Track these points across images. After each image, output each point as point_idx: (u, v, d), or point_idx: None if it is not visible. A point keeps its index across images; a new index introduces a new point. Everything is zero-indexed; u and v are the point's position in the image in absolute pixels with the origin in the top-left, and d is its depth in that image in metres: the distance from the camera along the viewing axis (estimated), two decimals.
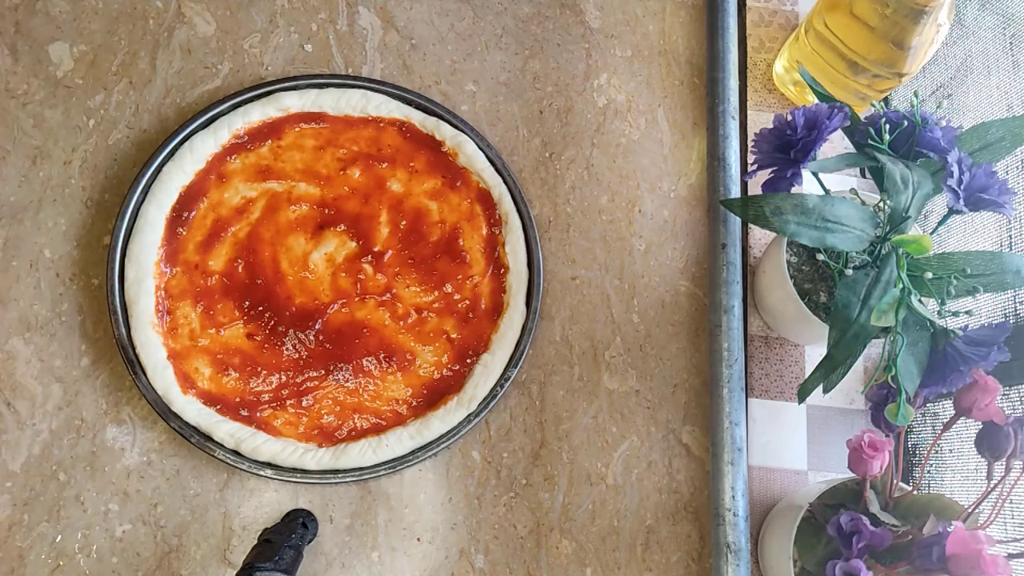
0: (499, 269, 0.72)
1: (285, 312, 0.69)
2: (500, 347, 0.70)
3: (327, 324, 0.69)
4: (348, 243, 0.71)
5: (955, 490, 0.67)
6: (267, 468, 0.65)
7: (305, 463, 0.65)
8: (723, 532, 0.66)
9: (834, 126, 0.58)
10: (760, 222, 0.58)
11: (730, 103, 0.77)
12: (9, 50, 0.75)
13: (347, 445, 0.66)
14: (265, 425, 0.66)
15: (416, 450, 0.67)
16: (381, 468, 0.66)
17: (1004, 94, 0.74)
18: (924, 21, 0.66)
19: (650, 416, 0.73)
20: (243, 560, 0.58)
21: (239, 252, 0.69)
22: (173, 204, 0.69)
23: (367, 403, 0.68)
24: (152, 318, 0.66)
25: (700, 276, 0.77)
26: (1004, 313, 0.67)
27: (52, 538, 0.64)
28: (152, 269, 0.67)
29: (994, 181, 0.55)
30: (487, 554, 0.68)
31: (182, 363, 0.66)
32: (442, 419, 0.68)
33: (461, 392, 0.69)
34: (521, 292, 0.72)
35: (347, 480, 0.66)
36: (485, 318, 0.71)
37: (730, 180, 0.75)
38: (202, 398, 0.66)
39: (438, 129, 0.74)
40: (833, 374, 0.56)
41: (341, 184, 0.72)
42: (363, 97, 0.74)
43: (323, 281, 0.70)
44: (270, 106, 0.73)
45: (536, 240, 0.73)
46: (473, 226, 0.73)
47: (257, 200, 0.71)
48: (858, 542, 0.55)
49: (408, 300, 0.71)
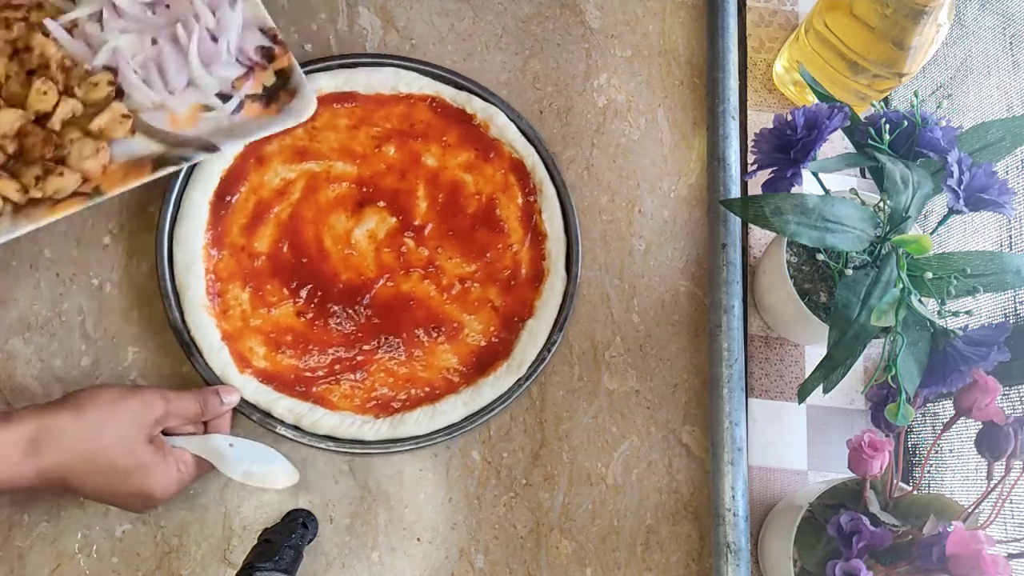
0: (537, 236, 0.73)
1: (332, 289, 0.69)
2: (544, 312, 0.71)
3: (374, 299, 0.70)
4: (388, 219, 0.72)
5: (955, 490, 0.67)
6: (327, 441, 0.66)
7: (364, 434, 0.66)
8: (723, 532, 0.66)
9: (834, 126, 0.58)
10: (760, 222, 0.58)
11: (730, 103, 0.77)
12: None
13: (404, 415, 0.67)
14: (322, 400, 0.67)
15: (470, 416, 0.68)
16: (438, 435, 0.67)
17: (1004, 94, 0.74)
18: (924, 21, 0.66)
19: (650, 416, 0.73)
20: (243, 560, 0.58)
21: (283, 233, 0.70)
22: (215, 188, 0.69)
23: (419, 373, 0.69)
24: (204, 300, 0.67)
25: (700, 276, 0.77)
26: (1004, 313, 0.67)
27: (52, 538, 0.64)
28: (200, 253, 0.68)
29: (994, 181, 0.56)
30: (487, 554, 0.68)
31: (236, 343, 0.67)
32: (493, 385, 0.69)
33: (510, 358, 0.70)
34: (561, 258, 0.73)
35: (404, 449, 0.67)
36: (527, 285, 0.72)
37: (730, 180, 0.75)
38: (259, 376, 0.67)
39: (469, 103, 0.75)
40: (833, 374, 0.56)
41: (377, 161, 0.73)
42: (394, 75, 0.75)
43: (367, 257, 0.71)
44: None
45: (572, 207, 0.74)
46: (509, 196, 0.74)
47: (296, 181, 0.71)
48: (858, 542, 0.55)
49: (451, 271, 0.72)
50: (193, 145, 0.65)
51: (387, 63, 0.75)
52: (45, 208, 0.60)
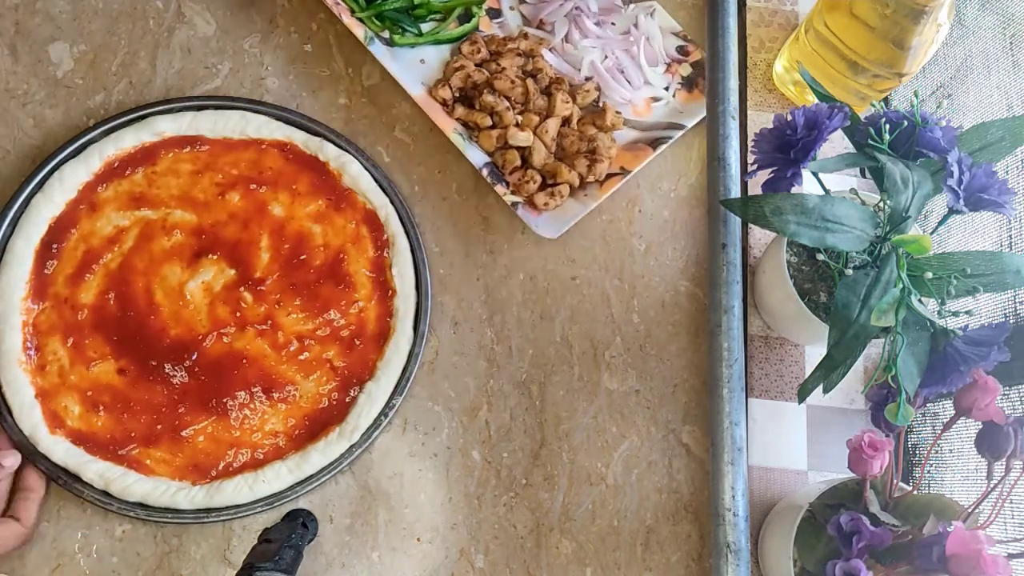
0: (386, 293, 0.71)
1: (158, 345, 0.66)
2: (385, 374, 0.68)
3: (203, 356, 0.67)
4: (226, 271, 0.69)
5: (955, 490, 0.67)
6: (137, 509, 0.63)
7: (178, 502, 0.63)
8: (723, 532, 0.66)
9: (834, 126, 0.58)
10: (760, 222, 0.58)
11: (730, 103, 0.77)
12: (9, 50, 0.75)
13: (222, 482, 0.64)
14: (136, 463, 0.64)
15: (295, 485, 0.65)
16: (258, 505, 0.65)
17: (1004, 94, 0.74)
18: (924, 21, 0.66)
19: (650, 416, 0.73)
20: (243, 560, 0.58)
21: (111, 284, 0.67)
22: (42, 236, 0.67)
23: (245, 437, 0.66)
24: (20, 355, 0.65)
25: (700, 276, 0.77)
26: (1004, 313, 0.67)
27: (52, 538, 0.64)
28: (19, 305, 0.65)
29: (994, 181, 0.55)
30: (487, 554, 0.68)
31: (51, 401, 0.64)
32: (323, 452, 0.66)
33: (344, 423, 0.67)
34: (408, 316, 0.70)
35: (221, 519, 0.64)
36: (371, 344, 0.69)
37: (730, 180, 0.75)
38: (71, 437, 0.64)
39: (321, 149, 0.72)
40: (833, 374, 0.56)
41: (220, 210, 0.70)
42: (242, 119, 0.72)
43: (200, 311, 0.68)
44: (144, 131, 0.71)
45: (424, 262, 0.72)
46: (359, 248, 0.71)
47: (130, 229, 0.69)
48: (858, 542, 0.55)
49: (289, 328, 0.69)
50: (661, 127, 0.79)
51: (234, 106, 0.73)
52: (595, 188, 0.75)
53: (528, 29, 0.80)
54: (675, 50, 0.82)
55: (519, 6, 0.81)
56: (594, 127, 0.76)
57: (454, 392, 0.72)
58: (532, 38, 0.79)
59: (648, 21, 0.81)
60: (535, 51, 0.78)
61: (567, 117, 0.76)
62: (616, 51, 0.80)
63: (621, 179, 0.75)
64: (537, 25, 0.80)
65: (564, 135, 0.76)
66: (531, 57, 0.78)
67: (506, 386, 0.72)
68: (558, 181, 0.73)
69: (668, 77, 0.81)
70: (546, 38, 0.79)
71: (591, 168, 0.74)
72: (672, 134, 0.77)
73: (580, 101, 0.77)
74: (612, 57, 0.80)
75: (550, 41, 0.79)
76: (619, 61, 0.80)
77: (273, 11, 0.78)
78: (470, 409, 0.71)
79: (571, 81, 0.79)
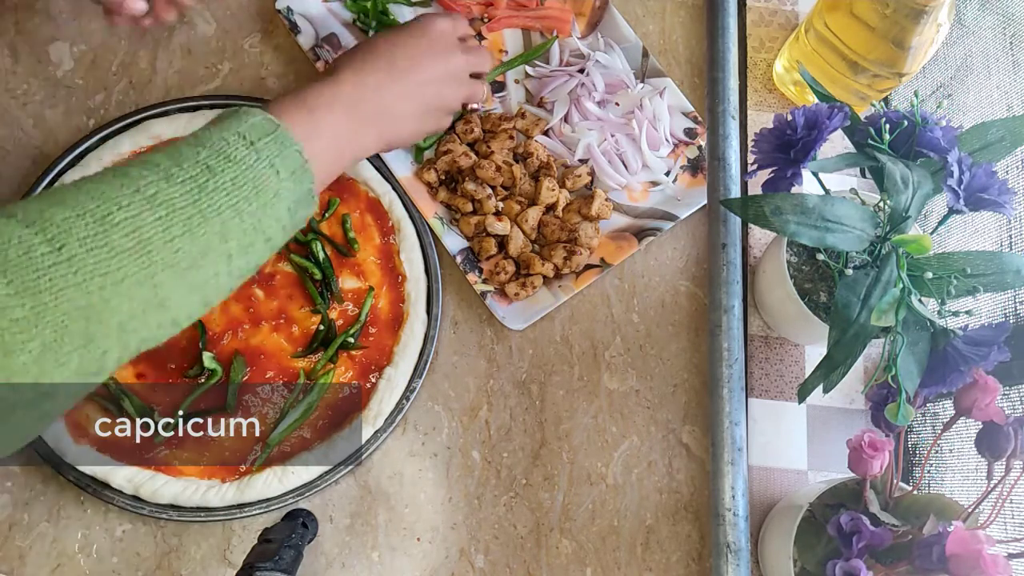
0: (396, 278, 0.71)
1: (175, 347, 0.66)
2: (403, 359, 0.68)
3: (221, 355, 0.67)
4: None
5: (955, 490, 0.67)
6: (170, 510, 0.63)
7: (209, 501, 0.63)
8: (723, 532, 0.66)
9: (834, 126, 0.57)
10: (760, 222, 0.58)
11: (730, 103, 0.77)
12: (9, 50, 0.75)
13: (251, 477, 0.64)
14: (164, 466, 0.64)
15: (325, 473, 0.66)
16: (289, 496, 0.65)
17: (1004, 94, 0.74)
18: (924, 21, 0.66)
19: (650, 416, 0.73)
20: (243, 560, 0.58)
21: None
22: None
23: (269, 431, 0.66)
24: None
25: (700, 276, 0.77)
26: (1004, 313, 0.67)
27: (52, 538, 0.64)
28: None
29: (994, 181, 0.55)
30: (487, 554, 0.68)
31: (72, 411, 0.64)
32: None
33: (366, 409, 0.67)
34: (421, 300, 0.70)
35: (255, 513, 0.65)
36: (386, 330, 0.70)
37: (730, 180, 0.75)
38: (96, 445, 0.64)
39: None
40: (833, 374, 0.56)
41: None
42: None
43: (213, 310, 0.67)
44: (141, 135, 0.70)
45: (431, 245, 0.72)
46: (365, 237, 0.72)
47: None
48: (858, 542, 0.55)
49: (303, 322, 0.69)
50: (654, 215, 0.76)
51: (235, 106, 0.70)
52: (570, 280, 0.73)
53: (527, 107, 0.77)
54: (683, 132, 0.78)
55: (525, 80, 0.79)
56: (579, 215, 0.74)
57: (454, 392, 0.72)
58: (529, 117, 0.77)
59: (657, 102, 0.77)
60: (530, 132, 0.76)
61: (552, 204, 0.74)
62: (618, 134, 0.77)
63: (598, 272, 0.73)
64: (538, 103, 0.78)
65: (545, 223, 0.73)
66: (526, 138, 0.76)
67: (506, 386, 0.72)
68: (531, 272, 0.72)
69: (671, 161, 0.77)
70: (544, 118, 0.77)
71: (567, 260, 0.71)
72: (663, 225, 0.74)
73: (571, 185, 0.75)
74: (610, 140, 0.77)
75: (547, 121, 0.77)
76: (618, 144, 0.77)
77: (273, 11, 0.78)
78: (470, 409, 0.71)
79: (565, 163, 0.76)
